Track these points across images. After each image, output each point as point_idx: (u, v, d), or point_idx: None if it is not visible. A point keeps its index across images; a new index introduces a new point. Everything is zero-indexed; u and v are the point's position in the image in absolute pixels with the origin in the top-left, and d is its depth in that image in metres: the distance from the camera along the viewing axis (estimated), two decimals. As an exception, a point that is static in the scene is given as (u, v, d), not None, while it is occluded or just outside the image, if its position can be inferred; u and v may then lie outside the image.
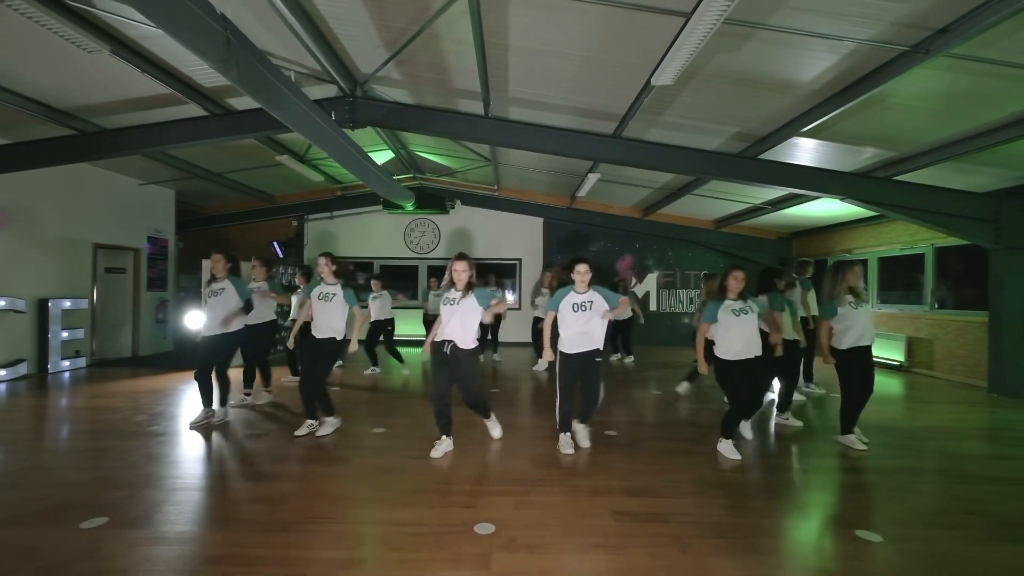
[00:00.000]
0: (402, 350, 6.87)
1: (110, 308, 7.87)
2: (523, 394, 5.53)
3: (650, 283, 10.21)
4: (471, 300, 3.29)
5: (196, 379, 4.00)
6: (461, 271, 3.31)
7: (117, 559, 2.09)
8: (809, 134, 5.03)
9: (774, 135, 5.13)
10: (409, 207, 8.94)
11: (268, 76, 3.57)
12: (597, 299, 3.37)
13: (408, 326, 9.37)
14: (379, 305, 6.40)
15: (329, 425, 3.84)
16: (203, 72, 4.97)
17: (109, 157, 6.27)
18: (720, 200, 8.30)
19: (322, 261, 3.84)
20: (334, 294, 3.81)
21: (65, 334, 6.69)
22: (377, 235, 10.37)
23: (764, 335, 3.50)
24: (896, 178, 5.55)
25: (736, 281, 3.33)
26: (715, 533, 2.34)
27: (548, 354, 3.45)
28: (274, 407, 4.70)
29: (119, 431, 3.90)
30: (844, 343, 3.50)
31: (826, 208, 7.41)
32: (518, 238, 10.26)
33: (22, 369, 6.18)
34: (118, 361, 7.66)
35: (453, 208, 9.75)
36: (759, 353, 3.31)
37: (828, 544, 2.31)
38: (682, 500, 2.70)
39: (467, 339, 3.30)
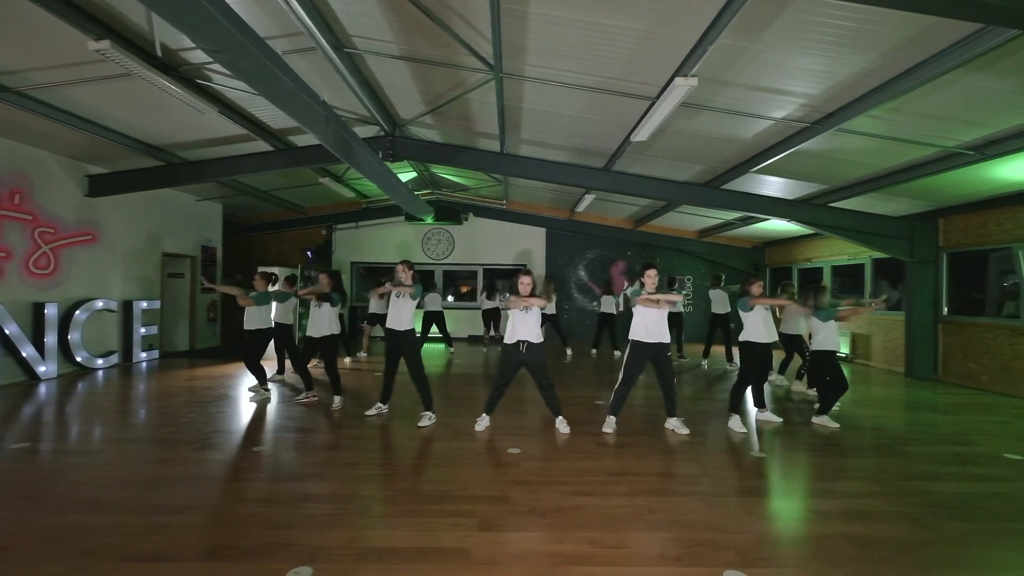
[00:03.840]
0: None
1: (170, 308, 9.15)
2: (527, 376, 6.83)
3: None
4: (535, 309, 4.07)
5: (297, 370, 5.18)
6: (526, 284, 4.08)
7: (283, 465, 3.40)
8: (761, 171, 6.33)
9: (732, 171, 6.43)
10: (429, 220, 10.25)
11: (349, 140, 4.88)
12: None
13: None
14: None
15: (427, 419, 4.35)
16: (273, 116, 6.23)
17: (190, 183, 7.55)
18: (699, 216, 9.65)
19: (400, 267, 4.48)
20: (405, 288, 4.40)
21: (143, 330, 7.96)
22: (397, 243, 11.67)
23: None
24: (831, 204, 6.88)
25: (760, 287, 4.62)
26: (662, 451, 3.67)
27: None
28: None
29: (226, 399, 5.21)
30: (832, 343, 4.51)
31: (787, 224, 8.72)
32: (523, 246, 11.58)
33: (113, 359, 7.45)
34: (179, 353, 8.93)
35: (467, 220, 11.06)
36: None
37: (728, 454, 3.64)
38: (641, 436, 4.03)
39: (537, 335, 4.11)
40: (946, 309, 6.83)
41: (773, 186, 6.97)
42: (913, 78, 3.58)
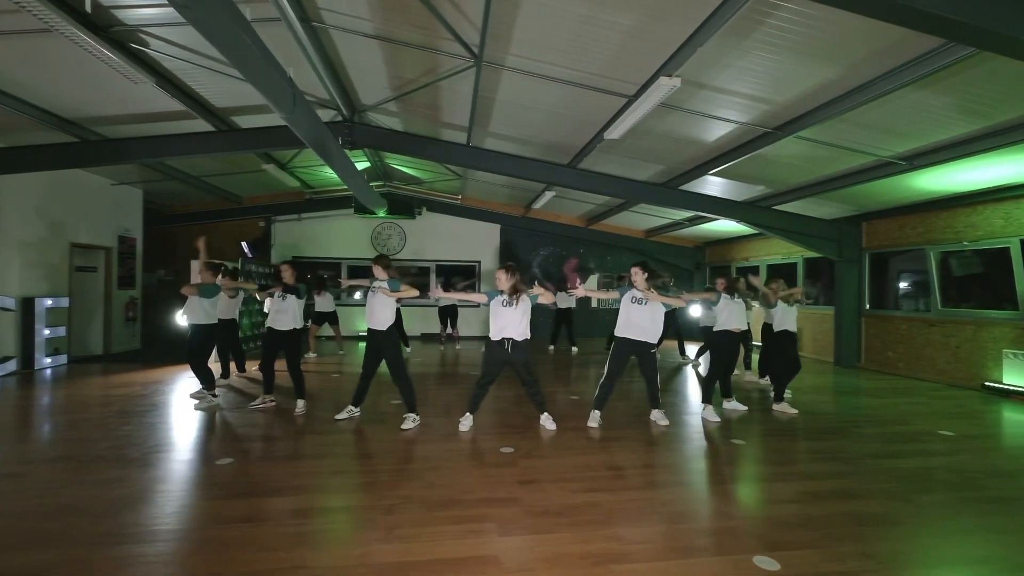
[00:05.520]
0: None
1: (81, 306, 7.97)
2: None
3: (592, 283, 11.82)
4: (525, 302, 3.97)
5: (261, 369, 4.69)
6: (503, 281, 3.97)
7: (259, 479, 3.06)
8: (717, 174, 6.69)
9: (691, 172, 6.73)
10: (382, 213, 9.79)
11: (316, 123, 4.50)
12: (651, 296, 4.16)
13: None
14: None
15: (411, 420, 4.14)
16: (217, 93, 5.61)
17: (111, 164, 6.60)
18: (649, 216, 10.05)
19: (376, 268, 4.28)
20: (381, 284, 4.19)
21: (47, 332, 6.86)
22: (344, 237, 11.04)
23: None
24: (774, 207, 7.44)
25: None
26: (648, 443, 3.75)
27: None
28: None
29: (164, 408, 4.62)
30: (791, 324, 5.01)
31: (728, 225, 9.33)
32: (478, 242, 11.42)
33: (11, 366, 6.36)
34: (92, 358, 7.81)
35: (420, 214, 10.70)
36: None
37: (710, 443, 3.80)
38: (623, 429, 4.11)
39: (522, 333, 3.99)
40: (868, 304, 7.65)
41: (724, 188, 7.40)
42: (871, 91, 3.91)
